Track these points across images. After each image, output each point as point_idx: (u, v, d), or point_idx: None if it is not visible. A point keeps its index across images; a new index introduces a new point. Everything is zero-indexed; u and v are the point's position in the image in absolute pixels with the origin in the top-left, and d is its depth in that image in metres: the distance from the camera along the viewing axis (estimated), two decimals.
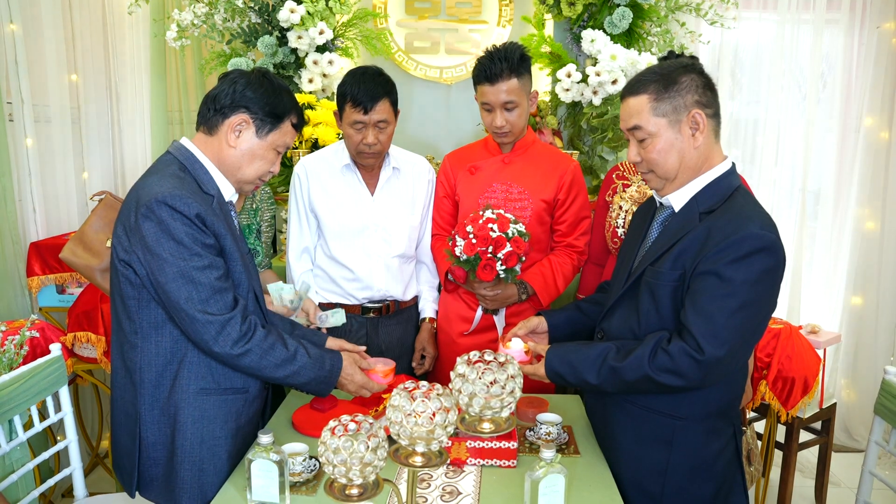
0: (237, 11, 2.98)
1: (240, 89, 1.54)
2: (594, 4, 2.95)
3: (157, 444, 1.54)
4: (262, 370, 1.52)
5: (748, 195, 1.49)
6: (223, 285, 1.47)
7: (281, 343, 1.54)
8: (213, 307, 1.45)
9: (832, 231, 3.70)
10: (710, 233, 1.40)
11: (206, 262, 1.45)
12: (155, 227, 1.42)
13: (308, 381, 1.57)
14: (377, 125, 2.06)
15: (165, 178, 1.47)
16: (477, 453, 1.58)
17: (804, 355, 2.53)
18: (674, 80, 1.44)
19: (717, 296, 1.37)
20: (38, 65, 2.98)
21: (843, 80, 3.57)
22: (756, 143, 3.60)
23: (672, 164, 1.47)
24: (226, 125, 1.55)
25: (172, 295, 1.43)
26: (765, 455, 2.74)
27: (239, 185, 1.61)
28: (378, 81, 2.05)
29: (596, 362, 1.51)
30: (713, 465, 1.51)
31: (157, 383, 1.52)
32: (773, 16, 3.49)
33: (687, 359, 1.39)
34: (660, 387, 1.44)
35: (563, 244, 2.27)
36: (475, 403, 1.26)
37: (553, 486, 1.33)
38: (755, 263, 1.35)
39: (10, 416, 1.77)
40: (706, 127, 1.45)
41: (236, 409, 1.59)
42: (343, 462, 1.11)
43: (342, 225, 2.19)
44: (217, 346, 1.46)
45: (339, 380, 1.64)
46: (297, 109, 1.63)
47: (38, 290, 2.90)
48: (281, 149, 1.62)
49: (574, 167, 2.24)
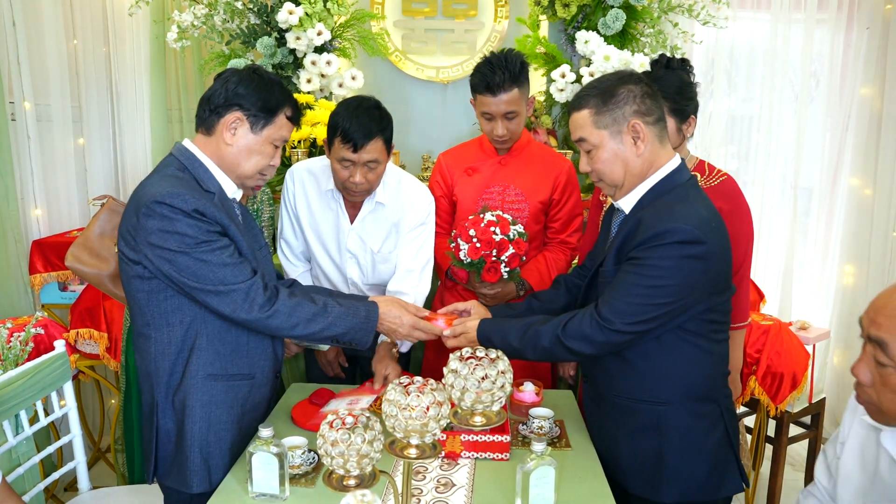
0: (236, 13, 3.02)
1: (232, 87, 1.57)
2: (588, 6, 3.00)
3: (171, 429, 1.60)
4: (295, 328, 1.57)
5: (686, 190, 1.54)
6: (237, 260, 1.52)
7: (308, 300, 1.59)
8: (231, 278, 1.50)
9: (823, 228, 3.75)
10: (639, 226, 1.50)
11: (214, 246, 1.49)
12: (158, 224, 1.46)
13: (345, 330, 1.62)
14: (367, 164, 1.91)
15: (164, 178, 1.52)
16: (471, 446, 1.63)
17: (793, 351, 2.59)
18: (612, 94, 1.52)
19: (629, 275, 1.49)
20: (39, 65, 3.02)
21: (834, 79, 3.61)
22: (750, 141, 3.65)
23: (618, 173, 1.55)
24: (221, 124, 1.58)
25: (189, 282, 1.49)
26: (755, 449, 2.79)
27: (240, 181, 1.64)
28: (373, 117, 1.89)
29: (523, 327, 1.63)
30: (704, 445, 1.56)
31: (171, 371, 1.58)
32: (765, 15, 3.53)
33: (590, 321, 1.51)
34: (570, 352, 1.56)
35: (556, 240, 2.32)
36: (467, 398, 1.31)
37: (544, 478, 1.38)
38: (670, 250, 1.44)
39: (16, 410, 1.81)
40: (647, 135, 1.52)
41: (242, 395, 1.64)
42: (341, 454, 1.16)
43: (320, 246, 2.16)
44: (244, 312, 1.51)
45: (387, 324, 1.69)
46: (290, 101, 1.64)
47: (40, 288, 2.95)
48: (278, 142, 1.63)
49: (568, 167, 2.29)
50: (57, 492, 2.87)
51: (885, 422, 1.15)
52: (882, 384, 1.10)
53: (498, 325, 1.70)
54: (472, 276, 2.15)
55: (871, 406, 1.15)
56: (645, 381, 1.56)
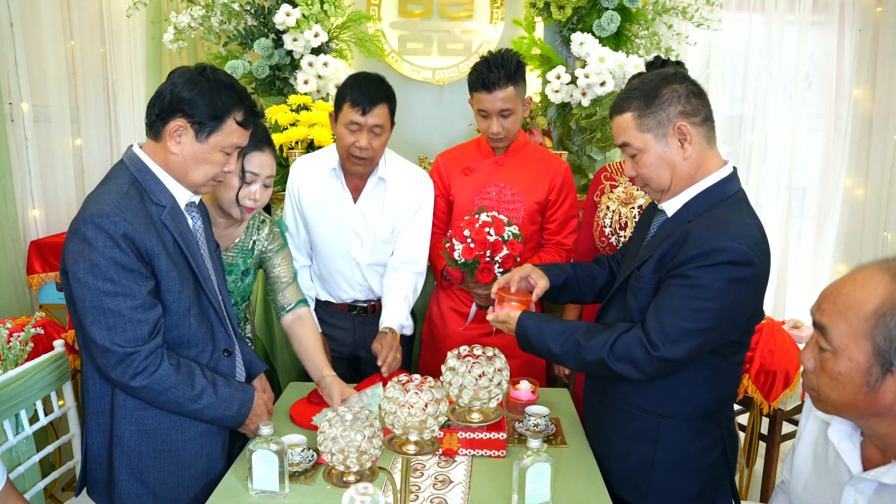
0: (233, 14, 3.03)
1: (176, 91, 1.45)
2: (583, 8, 3.02)
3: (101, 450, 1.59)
4: (162, 406, 1.51)
5: (738, 203, 1.47)
6: (136, 316, 1.42)
7: (187, 383, 1.49)
8: (118, 336, 1.41)
9: (816, 228, 3.78)
10: (687, 239, 1.42)
11: (118, 289, 1.39)
12: (78, 244, 1.39)
13: (213, 418, 1.57)
14: (372, 129, 2.02)
15: (107, 192, 1.44)
16: (468, 444, 1.65)
17: (786, 350, 2.61)
18: (655, 95, 1.45)
19: (678, 295, 1.40)
20: (37, 66, 3.03)
21: (827, 81, 3.65)
22: (744, 141, 3.69)
23: (664, 177, 1.48)
24: (166, 131, 1.47)
25: (80, 316, 1.42)
26: (748, 447, 2.82)
27: (192, 188, 1.54)
28: (379, 87, 2.04)
29: (564, 334, 1.54)
30: (699, 464, 1.55)
31: (101, 395, 1.54)
32: (759, 17, 3.57)
33: (642, 349, 1.42)
34: (613, 374, 1.47)
35: (552, 242, 2.34)
36: (464, 395, 1.33)
37: (540, 474, 1.40)
38: (721, 271, 1.36)
39: (16, 410, 1.82)
40: (694, 136, 1.45)
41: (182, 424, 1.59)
42: (341, 450, 1.18)
43: (324, 227, 2.20)
44: (113, 373, 1.44)
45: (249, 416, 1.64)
46: (241, 105, 1.50)
47: (38, 288, 2.96)
48: (229, 149, 1.52)
49: (564, 169, 2.31)
50: (55, 491, 2.88)
51: (825, 409, 1.15)
52: (821, 369, 1.10)
53: (538, 325, 1.59)
54: (466, 276, 2.17)
55: (813, 392, 1.14)
56: (652, 391, 1.52)
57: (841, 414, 1.14)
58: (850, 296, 1.07)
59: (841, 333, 1.06)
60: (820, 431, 1.28)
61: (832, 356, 1.08)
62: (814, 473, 1.28)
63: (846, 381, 1.07)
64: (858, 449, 1.17)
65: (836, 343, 1.07)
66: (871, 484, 1.12)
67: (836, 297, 1.09)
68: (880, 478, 1.09)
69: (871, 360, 1.04)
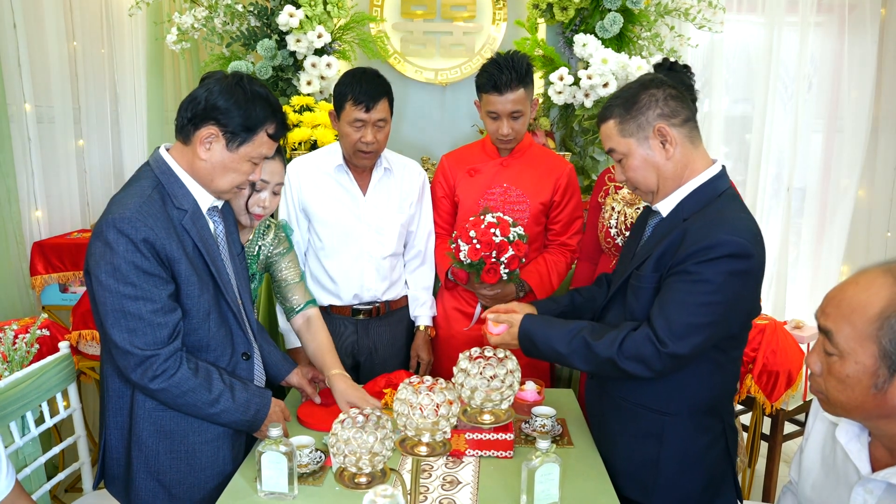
0: (236, 15, 3.03)
1: (212, 99, 1.47)
2: (586, 9, 3.03)
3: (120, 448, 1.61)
4: (180, 408, 1.53)
5: (731, 199, 1.52)
6: (156, 319, 1.44)
7: (205, 387, 1.51)
8: (139, 339, 1.43)
9: (817, 228, 3.80)
10: (685, 237, 1.46)
11: (138, 293, 1.41)
12: (100, 247, 1.41)
13: (229, 422, 1.58)
14: (376, 124, 2.08)
15: (130, 196, 1.46)
16: (475, 445, 1.66)
17: (788, 350, 2.62)
18: (634, 101, 1.51)
19: (681, 291, 1.43)
20: (40, 66, 3.03)
21: (827, 82, 3.66)
22: (744, 142, 3.70)
23: (651, 179, 1.53)
24: (196, 136, 1.48)
25: (102, 317, 1.44)
26: (751, 446, 2.83)
27: (216, 194, 1.57)
28: (378, 82, 2.09)
29: (570, 334, 1.56)
30: (702, 460, 1.57)
31: (120, 394, 1.56)
32: (760, 18, 3.58)
33: (650, 346, 1.44)
34: (622, 373, 1.49)
35: (557, 243, 2.35)
36: (477, 396, 1.33)
37: (548, 475, 1.41)
38: (722, 265, 1.39)
39: (23, 411, 1.82)
40: (675, 137, 1.49)
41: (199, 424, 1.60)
42: (353, 452, 1.18)
43: (335, 223, 2.21)
44: (134, 375, 1.46)
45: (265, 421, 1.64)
46: (274, 118, 1.53)
47: (41, 289, 2.95)
48: (256, 160, 1.54)
49: (569, 170, 2.32)
50: (58, 493, 2.88)
51: (833, 412, 1.16)
52: (828, 373, 1.12)
53: (541, 327, 1.62)
54: (471, 277, 2.18)
55: (821, 395, 1.16)
56: (655, 389, 1.55)
57: (850, 416, 1.15)
58: (853, 299, 1.08)
59: (846, 337, 1.08)
60: (828, 432, 1.30)
61: (839, 360, 1.09)
62: (822, 474, 1.29)
63: (854, 383, 1.08)
64: (867, 449, 1.18)
65: (842, 347, 1.08)
66: (880, 485, 1.13)
67: (839, 301, 1.10)
68: (890, 479, 1.10)
69: (877, 362, 1.05)
